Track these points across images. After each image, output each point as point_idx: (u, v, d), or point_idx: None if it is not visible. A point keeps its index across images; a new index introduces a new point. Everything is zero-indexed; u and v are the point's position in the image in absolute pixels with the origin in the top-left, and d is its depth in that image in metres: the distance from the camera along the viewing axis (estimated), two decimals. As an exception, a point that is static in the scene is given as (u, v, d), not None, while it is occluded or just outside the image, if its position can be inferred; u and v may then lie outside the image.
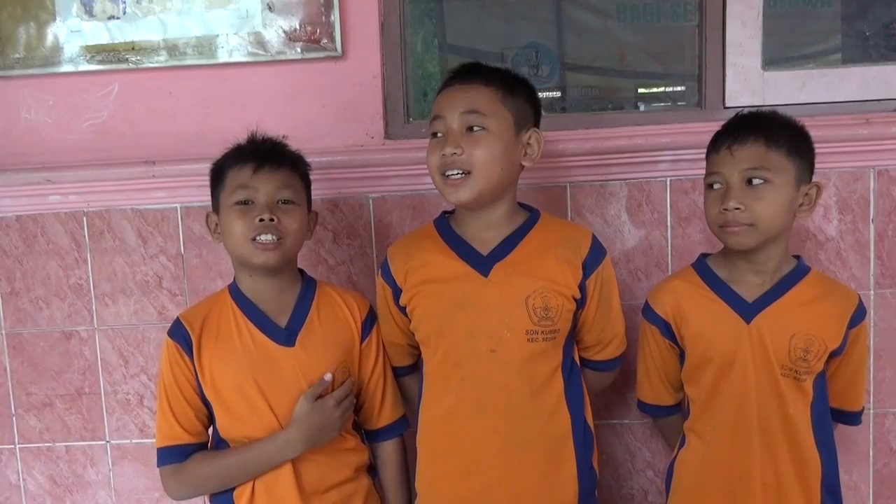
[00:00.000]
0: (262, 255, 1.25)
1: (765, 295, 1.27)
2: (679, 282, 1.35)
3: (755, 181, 1.21)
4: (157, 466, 1.31)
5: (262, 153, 1.29)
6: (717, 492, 1.29)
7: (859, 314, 1.29)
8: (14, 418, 1.72)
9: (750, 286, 1.28)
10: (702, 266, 1.35)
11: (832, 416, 1.35)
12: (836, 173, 1.56)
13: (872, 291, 1.58)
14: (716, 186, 1.25)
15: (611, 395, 1.56)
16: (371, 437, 1.41)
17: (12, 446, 1.73)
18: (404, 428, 1.42)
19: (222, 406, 1.29)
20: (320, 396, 1.27)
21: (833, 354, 1.27)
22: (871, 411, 1.60)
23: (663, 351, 1.36)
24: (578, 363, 1.34)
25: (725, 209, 1.22)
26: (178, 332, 1.31)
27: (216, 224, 1.33)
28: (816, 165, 1.54)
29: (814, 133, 1.50)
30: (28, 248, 1.67)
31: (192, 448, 1.30)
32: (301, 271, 1.39)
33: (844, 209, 1.57)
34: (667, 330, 1.34)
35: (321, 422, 1.26)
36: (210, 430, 1.34)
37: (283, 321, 1.31)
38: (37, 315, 1.69)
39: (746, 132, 1.23)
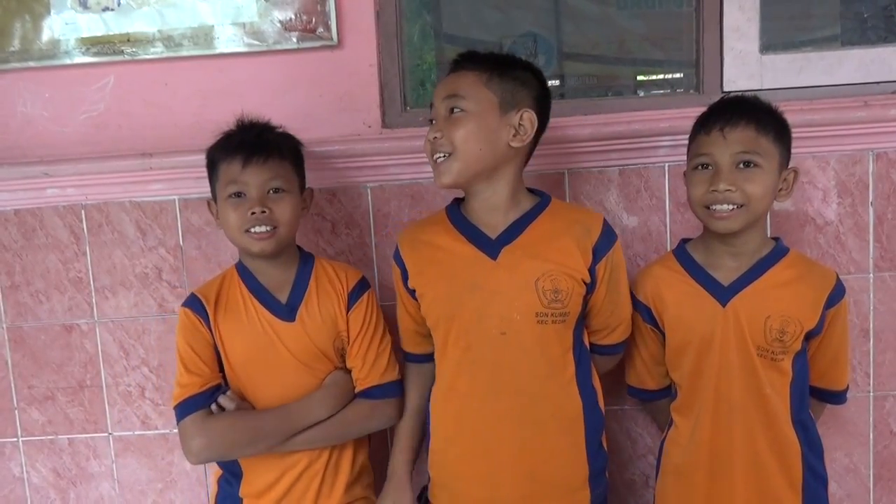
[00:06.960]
0: (258, 245, 1.32)
1: (741, 278, 1.29)
2: (658, 267, 1.37)
3: (747, 164, 1.23)
4: (178, 422, 1.31)
5: (250, 145, 1.32)
6: (701, 471, 1.31)
7: (836, 294, 1.29)
8: (17, 412, 1.72)
9: (727, 269, 1.30)
10: (681, 251, 1.36)
11: (817, 396, 1.37)
12: (834, 156, 1.56)
13: (872, 275, 1.58)
14: (704, 167, 1.26)
15: (612, 382, 1.55)
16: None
17: (15, 439, 1.74)
18: (386, 394, 1.39)
19: (229, 378, 1.36)
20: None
21: (811, 335, 1.28)
22: (872, 394, 1.61)
23: (646, 335, 1.39)
24: (588, 347, 1.35)
25: (715, 190, 1.23)
26: (195, 304, 1.36)
27: (217, 211, 1.37)
28: (815, 149, 1.55)
29: (812, 116, 1.50)
30: (27, 241, 1.67)
31: (212, 390, 1.32)
32: (299, 248, 1.44)
33: (843, 192, 1.57)
34: (648, 315, 1.36)
35: (349, 389, 1.38)
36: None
37: (283, 297, 1.37)
38: (37, 308, 1.69)
39: (738, 116, 1.24)
